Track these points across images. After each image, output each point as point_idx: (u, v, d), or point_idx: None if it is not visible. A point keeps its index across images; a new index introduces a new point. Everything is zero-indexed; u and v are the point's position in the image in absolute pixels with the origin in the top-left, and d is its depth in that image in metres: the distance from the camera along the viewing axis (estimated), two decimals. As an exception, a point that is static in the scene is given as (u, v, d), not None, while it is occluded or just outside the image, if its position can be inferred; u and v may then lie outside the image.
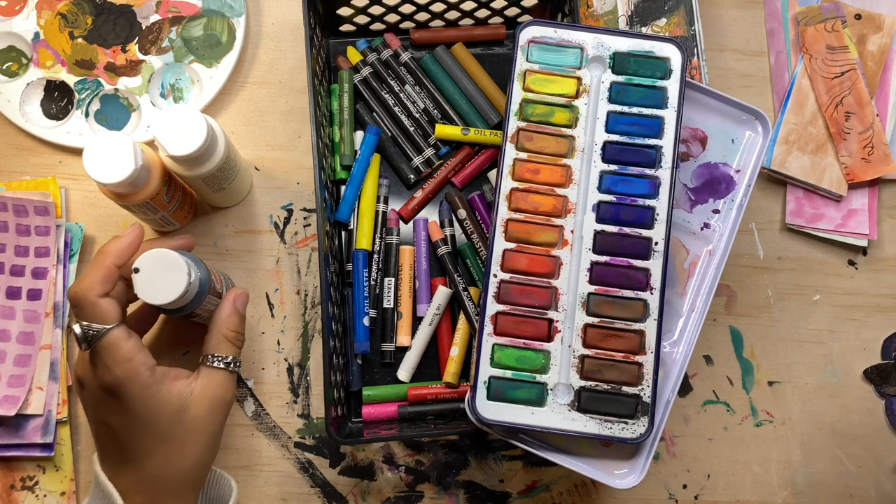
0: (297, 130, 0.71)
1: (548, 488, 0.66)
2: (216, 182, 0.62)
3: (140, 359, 0.50)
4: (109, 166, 0.56)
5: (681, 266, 0.60)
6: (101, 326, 0.50)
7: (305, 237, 0.69)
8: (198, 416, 0.52)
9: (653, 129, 0.57)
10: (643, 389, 0.54)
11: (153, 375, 0.50)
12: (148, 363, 0.50)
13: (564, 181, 0.57)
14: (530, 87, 0.58)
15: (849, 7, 0.73)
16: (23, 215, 0.66)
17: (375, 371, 0.66)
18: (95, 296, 0.50)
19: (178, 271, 0.54)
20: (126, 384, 0.50)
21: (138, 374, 0.50)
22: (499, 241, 0.56)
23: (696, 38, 0.72)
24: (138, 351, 0.50)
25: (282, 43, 0.73)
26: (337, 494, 0.66)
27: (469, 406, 0.54)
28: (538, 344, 0.55)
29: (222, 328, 0.55)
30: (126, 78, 0.70)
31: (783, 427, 0.67)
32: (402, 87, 0.70)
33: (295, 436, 0.66)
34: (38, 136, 0.69)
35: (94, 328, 0.50)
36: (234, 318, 0.55)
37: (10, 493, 0.64)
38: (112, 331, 0.50)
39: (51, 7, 0.71)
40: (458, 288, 0.66)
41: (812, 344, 0.69)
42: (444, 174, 0.69)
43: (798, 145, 0.70)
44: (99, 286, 0.51)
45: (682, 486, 0.67)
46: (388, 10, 0.68)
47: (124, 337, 0.50)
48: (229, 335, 0.55)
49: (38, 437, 0.63)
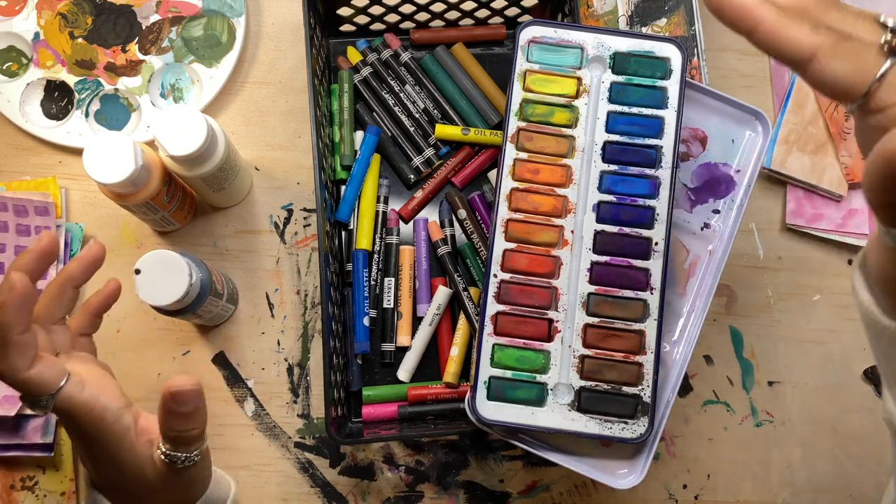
0: (297, 130, 0.71)
1: (548, 488, 0.66)
2: (216, 182, 0.62)
3: (101, 405, 0.46)
4: (109, 166, 0.56)
5: (681, 266, 0.60)
6: (46, 396, 0.45)
7: (305, 237, 0.69)
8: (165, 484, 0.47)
9: (653, 129, 0.57)
10: (643, 389, 0.54)
11: (119, 423, 0.46)
12: (110, 409, 0.46)
13: (564, 181, 0.57)
14: (530, 87, 0.58)
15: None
16: (23, 215, 0.66)
17: (375, 371, 0.66)
18: (25, 373, 0.44)
19: (180, 272, 0.55)
20: (95, 435, 0.46)
21: (104, 423, 0.46)
22: (499, 241, 0.56)
23: (696, 38, 0.72)
24: (96, 400, 0.46)
25: (282, 43, 0.73)
26: (337, 494, 0.66)
27: (469, 406, 0.54)
28: (538, 344, 0.55)
29: (162, 427, 0.46)
30: (126, 78, 0.70)
31: (783, 427, 0.67)
32: (402, 87, 0.70)
33: (295, 436, 0.66)
34: (38, 136, 0.69)
35: (40, 399, 0.45)
36: (170, 419, 0.45)
37: (10, 493, 0.64)
38: (60, 392, 0.45)
39: (51, 7, 0.71)
40: (458, 288, 0.66)
41: (812, 344, 0.69)
42: (444, 174, 0.69)
43: (798, 145, 0.70)
44: (20, 363, 0.44)
45: (682, 486, 0.67)
46: (388, 10, 0.68)
47: (77, 391, 0.45)
48: (170, 434, 0.46)
49: (38, 437, 0.63)
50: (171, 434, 0.45)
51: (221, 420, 0.66)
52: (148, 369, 0.66)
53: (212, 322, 0.65)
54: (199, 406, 0.45)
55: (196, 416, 0.45)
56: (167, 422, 0.45)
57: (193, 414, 0.45)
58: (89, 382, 0.47)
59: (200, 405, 0.45)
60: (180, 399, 0.44)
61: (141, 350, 0.67)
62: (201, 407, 0.45)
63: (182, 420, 0.45)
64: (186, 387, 0.44)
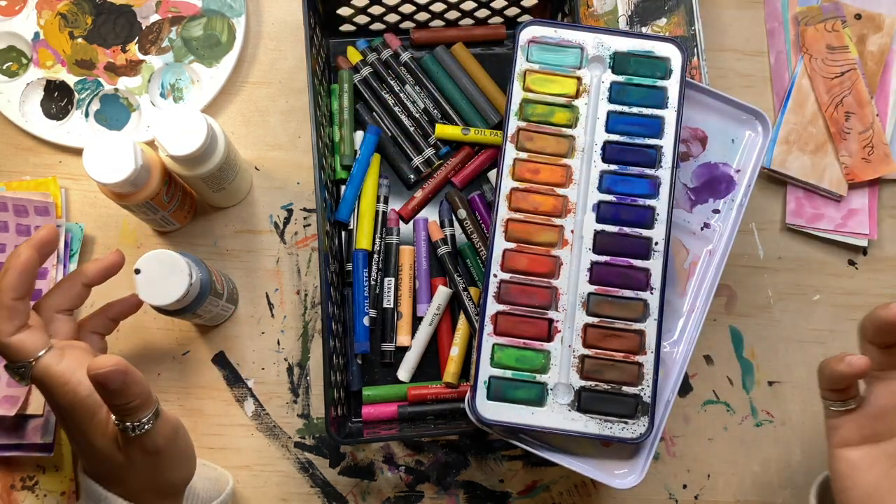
0: (297, 130, 0.71)
1: (548, 488, 0.66)
2: (216, 182, 0.62)
3: (76, 379, 0.48)
4: (109, 166, 0.56)
5: (681, 266, 0.60)
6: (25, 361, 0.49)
7: (305, 237, 0.69)
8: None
9: (653, 128, 0.57)
10: (643, 389, 0.54)
11: (91, 397, 0.48)
12: (84, 384, 0.48)
13: (564, 181, 0.57)
14: (530, 87, 0.58)
15: (849, 7, 0.73)
16: (23, 215, 0.66)
17: (375, 371, 0.66)
18: (7, 337, 0.49)
19: (180, 272, 0.55)
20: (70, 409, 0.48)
21: (77, 395, 0.48)
22: (499, 241, 0.56)
23: (696, 38, 0.72)
24: (72, 373, 0.48)
25: (282, 43, 0.73)
26: (337, 494, 0.66)
27: (469, 406, 0.54)
28: (538, 344, 0.55)
29: (104, 402, 0.47)
30: (126, 78, 0.70)
31: (783, 427, 0.67)
32: (402, 87, 0.70)
33: (295, 436, 0.66)
34: (38, 136, 0.69)
35: (19, 365, 0.49)
36: (105, 396, 0.46)
37: (10, 493, 0.64)
38: (39, 361, 0.49)
39: (51, 7, 0.71)
40: (458, 288, 0.66)
41: (812, 344, 0.69)
42: (444, 174, 0.69)
43: (798, 145, 0.70)
44: (5, 327, 0.49)
45: (682, 486, 0.67)
46: (388, 10, 0.68)
47: (54, 362, 0.49)
48: (110, 407, 0.47)
49: (38, 437, 0.63)
50: (111, 408, 0.47)
51: (221, 420, 0.66)
52: (148, 369, 0.66)
53: (212, 322, 0.65)
54: (127, 381, 0.45)
55: (127, 390, 0.45)
56: (104, 398, 0.46)
57: (123, 389, 0.45)
58: (69, 357, 0.49)
59: (130, 380, 0.45)
60: (103, 381, 0.44)
61: (141, 350, 0.67)
62: (130, 381, 0.45)
63: (115, 396, 0.46)
64: (106, 368, 0.44)
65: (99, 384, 0.45)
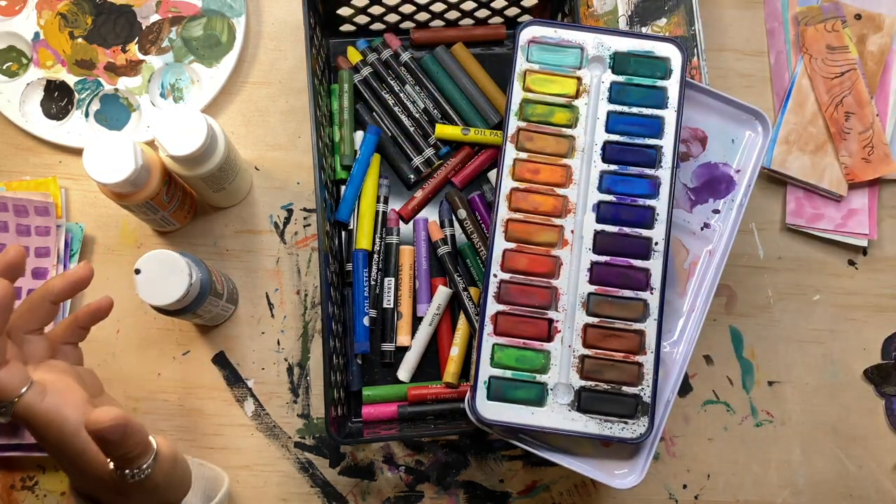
0: (297, 130, 0.71)
1: (548, 488, 0.66)
2: (216, 182, 0.62)
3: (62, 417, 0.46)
4: (109, 166, 0.56)
5: (681, 266, 0.60)
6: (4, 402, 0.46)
7: (305, 237, 0.69)
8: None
9: (653, 129, 0.57)
10: (643, 389, 0.54)
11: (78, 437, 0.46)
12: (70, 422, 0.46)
13: (564, 181, 0.57)
14: (530, 87, 0.58)
15: (849, 7, 0.73)
16: (23, 215, 0.66)
17: (375, 371, 0.66)
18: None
19: (180, 273, 0.55)
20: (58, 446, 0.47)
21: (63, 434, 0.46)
22: (499, 241, 0.56)
23: (696, 38, 0.72)
24: (57, 411, 0.46)
25: (282, 43, 0.73)
26: (337, 494, 0.66)
27: (469, 406, 0.54)
28: (538, 344, 0.55)
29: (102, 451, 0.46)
30: (126, 78, 0.70)
31: (783, 427, 0.67)
32: (402, 87, 0.70)
33: (295, 436, 0.66)
34: (38, 136, 0.69)
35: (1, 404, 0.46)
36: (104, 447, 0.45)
37: (10, 493, 0.64)
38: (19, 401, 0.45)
39: (51, 7, 0.71)
40: (458, 288, 0.66)
41: (812, 344, 0.69)
42: (444, 174, 0.69)
43: (798, 145, 0.70)
44: None
45: (682, 486, 0.67)
46: (388, 10, 0.68)
47: (36, 401, 0.46)
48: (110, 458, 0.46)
49: (38, 437, 0.63)
50: (111, 457, 0.46)
51: (221, 420, 0.66)
52: (148, 369, 0.66)
53: (212, 322, 0.65)
54: (127, 433, 0.44)
55: (126, 441, 0.45)
56: (103, 449, 0.45)
57: (123, 441, 0.44)
58: (52, 392, 0.47)
59: (129, 431, 0.44)
60: (103, 435, 0.43)
61: (141, 350, 0.67)
62: (130, 433, 0.45)
63: (115, 447, 0.45)
64: (104, 424, 0.43)
65: (98, 440, 0.44)
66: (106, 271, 0.67)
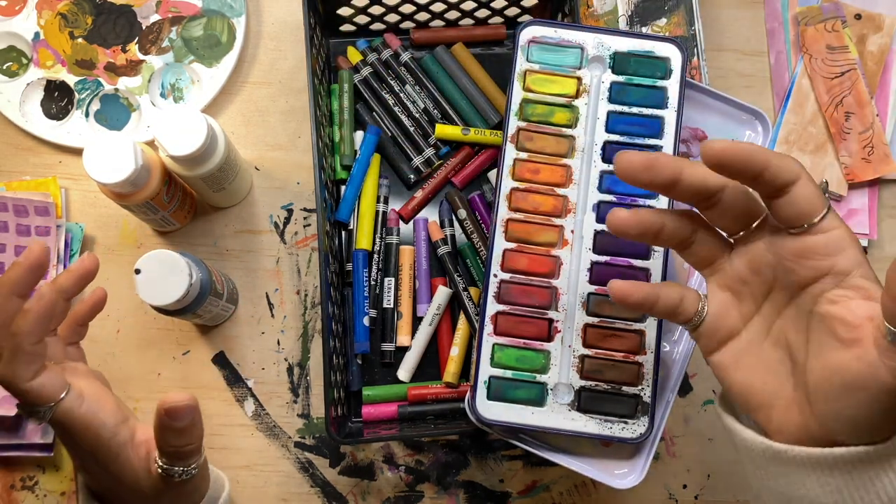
0: (297, 130, 0.71)
1: (548, 488, 0.66)
2: (216, 182, 0.62)
3: (99, 421, 0.46)
4: (109, 166, 0.56)
5: (681, 266, 0.60)
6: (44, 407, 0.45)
7: (305, 237, 0.69)
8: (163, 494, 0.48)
9: (653, 129, 0.57)
10: (643, 389, 0.54)
11: (115, 440, 0.47)
12: (107, 426, 0.46)
13: (564, 181, 0.57)
14: (530, 87, 0.58)
15: (849, 7, 0.73)
16: (23, 215, 0.66)
17: (375, 371, 0.66)
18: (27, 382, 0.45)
19: (180, 272, 0.55)
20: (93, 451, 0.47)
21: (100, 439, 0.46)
22: (499, 241, 0.56)
23: (696, 38, 0.72)
24: (94, 415, 0.46)
25: (282, 43, 0.73)
26: (337, 494, 0.66)
27: (469, 406, 0.54)
28: (538, 344, 0.55)
29: (158, 443, 0.46)
30: (126, 78, 0.70)
31: (783, 427, 0.67)
32: (402, 87, 0.70)
33: (295, 436, 0.66)
34: (38, 136, 0.69)
35: (38, 409, 0.45)
36: (166, 435, 0.46)
37: (10, 493, 0.64)
38: (59, 405, 0.45)
39: (51, 7, 0.71)
40: (458, 288, 0.66)
41: (812, 344, 0.69)
42: (444, 174, 0.69)
43: (798, 145, 0.70)
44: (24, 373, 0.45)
45: (682, 486, 0.67)
46: (388, 10, 0.68)
47: (76, 405, 0.46)
48: (166, 449, 0.46)
49: (38, 437, 0.63)
50: (167, 449, 0.46)
51: (221, 420, 0.66)
52: (148, 369, 0.66)
53: (212, 322, 0.65)
54: (194, 421, 0.44)
55: (192, 431, 0.45)
56: (163, 437, 0.45)
57: (189, 429, 0.44)
58: (88, 397, 0.47)
59: (196, 420, 0.45)
60: (175, 415, 0.44)
61: (141, 350, 0.67)
62: (197, 422, 0.45)
63: (178, 436, 0.45)
64: (181, 403, 0.44)
65: (170, 418, 0.43)
66: (106, 271, 0.67)
